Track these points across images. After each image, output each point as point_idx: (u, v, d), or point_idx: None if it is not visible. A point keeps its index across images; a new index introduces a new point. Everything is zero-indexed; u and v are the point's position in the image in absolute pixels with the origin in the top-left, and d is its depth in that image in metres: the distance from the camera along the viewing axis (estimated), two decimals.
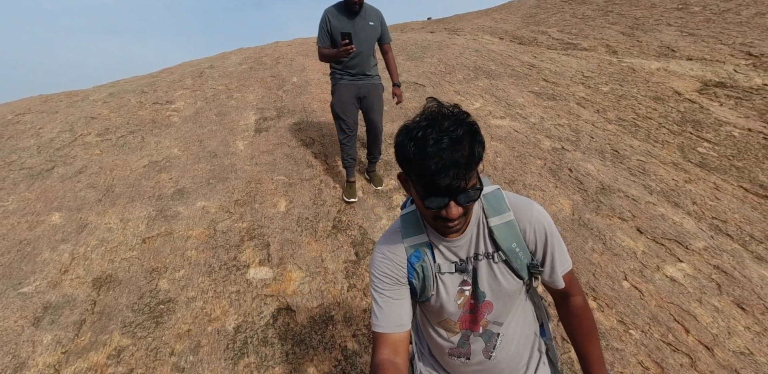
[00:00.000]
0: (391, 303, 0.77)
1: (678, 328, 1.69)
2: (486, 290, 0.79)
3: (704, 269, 1.99)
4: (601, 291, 1.88)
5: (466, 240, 0.77)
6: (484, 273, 0.78)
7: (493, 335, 0.83)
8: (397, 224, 0.82)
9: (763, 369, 1.52)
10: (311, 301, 1.89)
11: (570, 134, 3.27)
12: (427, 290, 0.79)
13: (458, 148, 0.60)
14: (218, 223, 2.32)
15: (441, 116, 0.63)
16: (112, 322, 1.70)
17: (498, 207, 0.77)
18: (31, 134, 3.12)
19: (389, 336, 0.75)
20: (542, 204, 2.48)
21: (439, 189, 0.62)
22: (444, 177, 0.60)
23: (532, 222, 0.76)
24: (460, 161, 0.60)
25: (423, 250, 0.78)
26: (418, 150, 0.61)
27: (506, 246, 0.76)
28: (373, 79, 2.53)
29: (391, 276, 0.78)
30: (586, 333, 0.82)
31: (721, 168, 2.96)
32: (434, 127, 0.61)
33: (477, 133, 0.64)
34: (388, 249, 0.79)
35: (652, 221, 2.31)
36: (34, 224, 2.19)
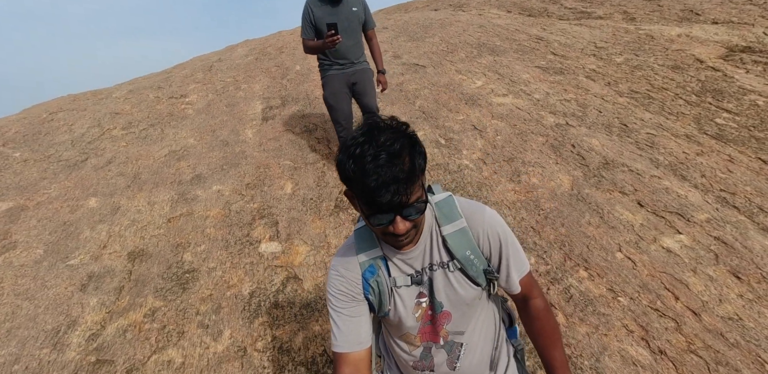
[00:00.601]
0: (349, 322, 0.76)
1: (667, 295, 1.75)
2: (443, 300, 0.78)
3: (704, 240, 2.01)
4: (593, 262, 1.96)
5: (420, 251, 0.77)
6: (440, 283, 0.77)
7: (456, 345, 0.82)
8: (352, 239, 0.81)
9: (750, 333, 1.58)
10: (316, 271, 2.09)
11: (576, 109, 3.24)
12: (384, 305, 0.78)
13: (396, 162, 0.59)
14: (232, 204, 2.55)
15: (378, 130, 0.62)
16: (146, 288, 1.97)
17: (450, 215, 0.76)
18: (65, 130, 3.46)
19: (349, 355, 0.74)
20: (541, 180, 2.54)
21: (382, 206, 0.61)
22: (385, 193, 0.59)
23: (485, 227, 0.76)
24: (400, 176, 0.59)
25: (377, 264, 0.77)
26: (357, 167, 0.60)
27: (460, 254, 0.75)
28: (362, 64, 2.50)
29: (346, 293, 0.77)
30: (548, 337, 0.81)
31: (740, 139, 2.86)
32: (371, 143, 0.60)
33: (416, 144, 0.63)
34: (343, 265, 0.78)
35: (655, 194, 2.31)
36: (75, 208, 2.50)
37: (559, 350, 0.81)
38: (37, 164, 2.98)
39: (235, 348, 1.72)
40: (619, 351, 1.56)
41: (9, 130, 3.49)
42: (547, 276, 1.92)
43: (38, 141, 3.30)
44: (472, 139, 2.99)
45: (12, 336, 1.75)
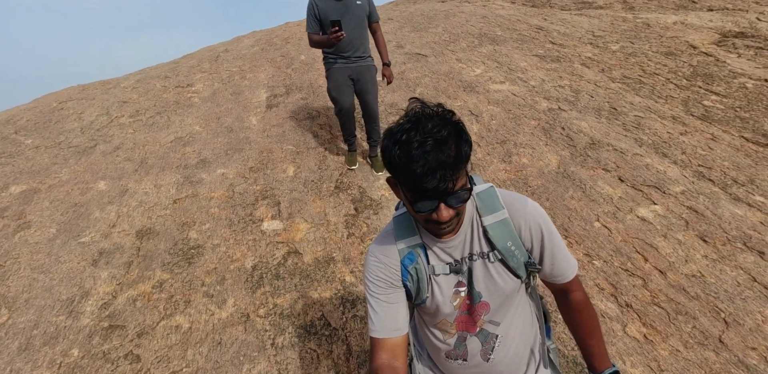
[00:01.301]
0: (387, 308, 0.77)
1: (638, 258, 1.89)
2: (482, 290, 0.79)
3: (676, 210, 2.14)
4: (573, 230, 2.10)
5: (460, 241, 0.77)
6: (479, 274, 0.78)
7: (491, 336, 0.82)
8: (390, 226, 0.82)
9: (710, 288, 1.72)
10: (315, 246, 2.24)
11: (569, 94, 3.35)
12: (422, 292, 0.79)
13: (443, 148, 0.59)
14: (236, 186, 2.70)
15: (424, 117, 0.62)
16: (153, 263, 2.13)
17: (491, 206, 0.77)
18: (74, 118, 3.63)
19: (386, 340, 0.76)
20: (530, 160, 2.67)
21: (427, 193, 0.62)
22: (431, 180, 0.60)
23: (527, 219, 0.76)
24: (447, 162, 0.59)
25: (416, 252, 0.78)
26: (403, 153, 0.60)
27: (501, 245, 0.75)
28: (366, 60, 2.54)
29: (384, 279, 0.78)
30: (588, 328, 0.82)
31: (725, 119, 2.97)
32: (418, 129, 0.60)
33: (462, 132, 0.64)
34: (381, 252, 0.79)
35: (636, 170, 2.44)
36: (85, 190, 2.66)
37: (597, 339, 0.81)
38: (48, 150, 3.15)
39: (239, 315, 1.88)
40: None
41: (21, 118, 3.66)
42: None
43: (49, 128, 3.47)
44: (468, 123, 3.11)
45: (30, 306, 1.92)
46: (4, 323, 1.82)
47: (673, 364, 1.49)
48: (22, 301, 1.92)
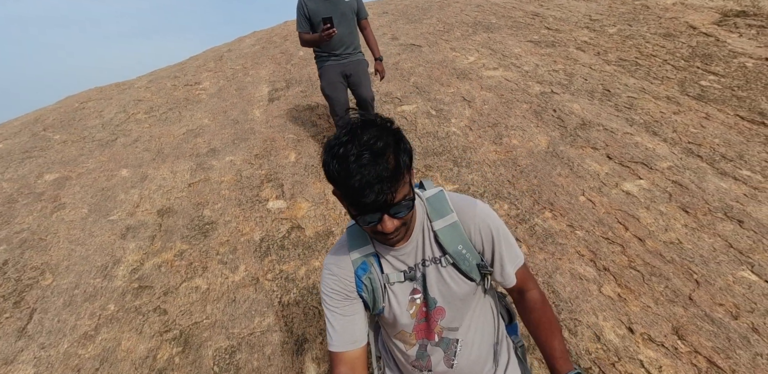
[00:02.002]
0: (343, 320, 0.78)
1: (619, 227, 2.07)
2: (437, 296, 0.79)
3: (661, 184, 2.30)
4: (558, 204, 2.29)
5: (413, 247, 0.78)
6: (433, 279, 0.79)
7: (451, 342, 0.83)
8: (344, 237, 0.83)
9: (686, 253, 1.89)
10: (316, 222, 2.50)
11: (563, 78, 3.52)
12: (378, 302, 0.80)
13: (380, 161, 0.60)
14: (243, 171, 3.00)
15: (361, 128, 0.62)
16: (174, 236, 2.44)
17: (441, 210, 0.78)
18: (95, 116, 4.02)
19: (344, 354, 0.77)
20: (521, 141, 2.86)
21: (368, 207, 0.62)
22: (369, 194, 0.60)
23: (476, 221, 0.77)
24: (384, 175, 0.59)
25: (369, 261, 0.79)
26: (341, 168, 0.60)
27: (452, 248, 0.76)
28: (357, 55, 2.62)
29: (339, 292, 0.79)
30: (547, 328, 0.83)
31: (721, 98, 3.09)
32: (354, 142, 0.60)
33: (401, 141, 0.64)
34: (335, 263, 0.80)
35: (624, 148, 2.61)
36: (110, 177, 3.01)
37: (558, 340, 0.81)
38: (75, 144, 3.53)
39: (249, 278, 2.16)
40: (569, 270, 1.90)
41: (47, 117, 4.09)
42: (517, 218, 2.27)
43: (73, 125, 3.87)
44: (461, 108, 3.33)
45: (70, 271, 2.26)
46: (50, 285, 2.15)
47: (642, 318, 1.67)
48: (63, 267, 2.26)
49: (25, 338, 1.88)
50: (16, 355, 1.80)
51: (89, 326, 1.92)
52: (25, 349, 1.82)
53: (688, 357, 1.51)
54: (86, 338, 1.87)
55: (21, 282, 2.18)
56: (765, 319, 1.57)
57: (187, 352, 1.80)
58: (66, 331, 1.90)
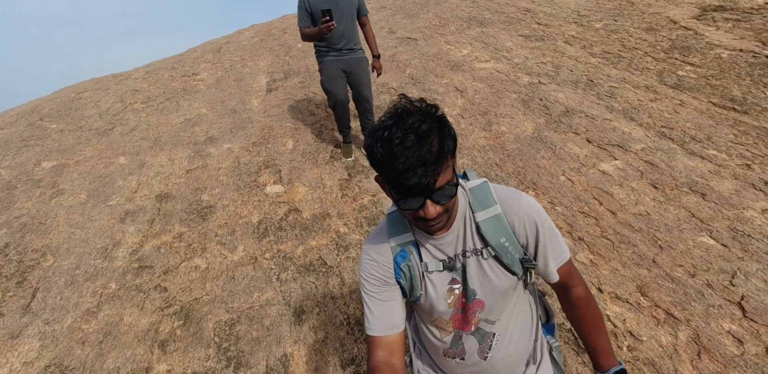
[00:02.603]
0: (382, 306, 0.79)
1: (594, 202, 2.21)
2: (476, 288, 0.79)
3: (635, 163, 2.45)
4: (540, 184, 2.42)
5: (453, 237, 0.78)
6: (473, 271, 0.78)
7: (488, 334, 0.82)
8: (384, 223, 0.83)
9: (653, 223, 2.03)
10: (313, 205, 2.60)
11: (550, 70, 3.65)
12: (416, 290, 0.80)
13: (424, 144, 0.60)
14: (241, 158, 3.08)
15: (406, 113, 0.63)
16: (173, 219, 2.52)
17: (484, 201, 0.77)
18: (92, 106, 4.05)
19: (382, 338, 0.78)
20: (509, 128, 2.98)
21: (411, 190, 0.62)
22: (412, 176, 0.60)
23: (521, 214, 0.76)
24: (428, 158, 0.59)
25: (409, 249, 0.79)
26: (385, 151, 0.61)
27: (495, 241, 0.76)
28: (357, 53, 2.67)
29: (378, 277, 0.79)
30: (590, 324, 0.82)
31: (696, 87, 3.25)
32: (398, 125, 0.61)
33: (445, 126, 0.65)
34: (374, 249, 0.81)
35: (603, 133, 2.75)
36: (108, 164, 3.07)
37: (601, 336, 0.82)
38: (72, 133, 3.57)
39: (248, 258, 2.25)
40: None
41: (44, 107, 4.11)
42: None
43: (70, 115, 3.90)
44: (453, 98, 3.45)
45: (71, 252, 2.33)
46: (51, 266, 2.22)
47: (611, 280, 1.81)
48: (63, 249, 2.33)
49: (29, 314, 1.95)
50: (22, 330, 1.87)
51: (91, 303, 2.00)
52: (30, 324, 1.90)
53: (649, 310, 1.65)
54: (89, 314, 1.95)
55: (23, 263, 2.25)
56: (719, 276, 1.72)
57: (188, 325, 1.89)
58: (69, 308, 1.98)
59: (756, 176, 2.28)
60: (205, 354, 1.75)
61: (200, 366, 1.70)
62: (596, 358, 0.82)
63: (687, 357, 1.50)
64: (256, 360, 1.73)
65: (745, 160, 2.41)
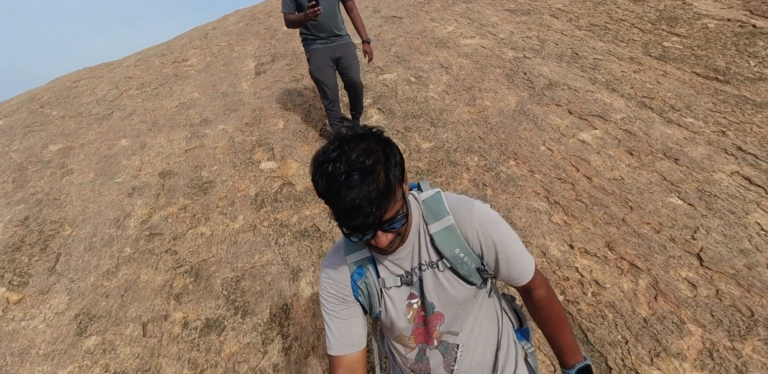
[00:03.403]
0: (341, 324, 0.80)
1: (571, 169, 2.43)
2: (434, 301, 0.80)
3: (613, 132, 2.65)
4: (521, 154, 2.64)
5: (409, 251, 0.78)
6: (430, 284, 0.79)
7: (451, 346, 0.83)
8: (341, 242, 0.84)
9: (626, 186, 2.25)
10: (305, 179, 2.84)
11: (536, 44, 3.81)
12: (374, 307, 0.82)
13: (369, 181, 0.60)
14: (235, 138, 3.31)
15: (349, 143, 0.63)
16: (177, 193, 2.78)
17: (437, 213, 0.78)
18: (89, 93, 4.27)
19: (343, 357, 0.79)
20: (492, 102, 3.18)
21: (359, 228, 0.63)
22: (358, 216, 0.60)
23: (473, 224, 0.76)
24: (373, 196, 0.60)
25: (365, 266, 0.80)
26: (330, 187, 0.61)
27: (449, 252, 0.76)
28: (345, 38, 2.69)
29: (336, 296, 0.81)
30: (555, 323, 0.85)
31: (681, 58, 3.41)
32: (341, 159, 0.60)
33: (391, 154, 0.65)
34: (331, 267, 0.82)
35: (584, 104, 2.94)
36: (111, 146, 3.32)
37: (566, 334, 0.85)
38: (73, 119, 3.81)
39: (248, 225, 2.51)
40: (526, 205, 2.27)
41: (42, 96, 4.34)
42: (485, 167, 2.62)
43: (69, 102, 4.13)
44: (438, 75, 3.63)
45: (87, 223, 2.60)
46: (69, 235, 2.50)
47: (582, 237, 2.05)
48: (79, 221, 2.60)
49: (55, 275, 2.23)
50: (50, 287, 2.16)
51: (110, 265, 2.28)
52: (57, 283, 2.18)
53: (615, 262, 1.90)
54: (109, 274, 2.23)
55: (44, 233, 2.52)
56: (682, 232, 1.95)
57: (198, 281, 2.17)
58: (90, 269, 2.26)
59: (729, 142, 2.48)
60: (215, 304, 2.03)
61: (212, 314, 1.98)
62: (562, 356, 0.86)
63: (645, 300, 1.75)
64: (261, 308, 2.00)
65: (720, 127, 2.60)
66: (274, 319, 1.95)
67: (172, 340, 1.88)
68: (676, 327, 1.62)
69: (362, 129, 0.67)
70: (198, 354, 1.82)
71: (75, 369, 1.75)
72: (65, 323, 1.95)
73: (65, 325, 1.94)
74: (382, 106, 3.42)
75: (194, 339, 1.89)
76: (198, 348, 1.85)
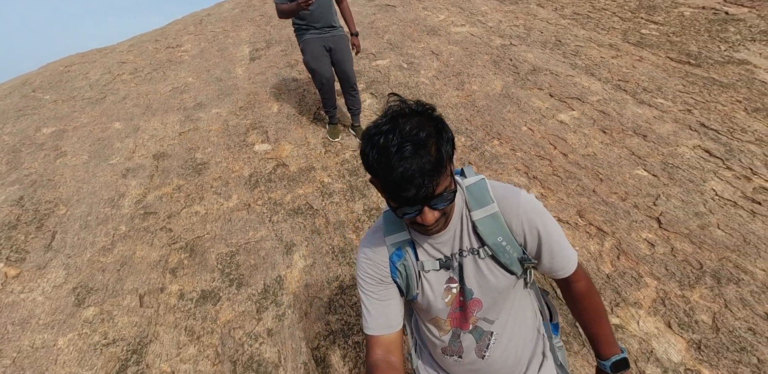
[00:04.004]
0: (379, 305, 0.79)
1: (549, 147, 2.47)
2: (473, 287, 0.79)
3: (589, 113, 2.69)
4: (504, 134, 2.66)
5: (450, 236, 0.77)
6: (470, 270, 0.78)
7: (485, 333, 0.82)
8: (380, 221, 0.83)
9: (597, 161, 2.30)
10: (299, 160, 2.83)
11: (522, 32, 3.80)
12: (412, 289, 0.80)
13: (422, 153, 0.59)
14: (229, 121, 3.26)
15: (402, 116, 0.62)
16: (171, 174, 2.75)
17: (481, 200, 0.76)
18: (81, 78, 4.15)
19: (380, 337, 0.78)
20: (480, 86, 3.18)
21: (409, 200, 0.62)
22: (410, 187, 0.59)
23: (519, 213, 0.74)
24: (426, 168, 0.59)
25: (405, 248, 0.78)
26: (381, 159, 0.59)
27: (491, 240, 0.75)
28: (338, 30, 2.66)
29: (374, 276, 0.80)
30: (592, 316, 0.83)
31: (657, 44, 3.44)
32: (395, 132, 0.59)
33: (443, 130, 0.64)
34: (370, 248, 0.81)
35: (565, 88, 2.96)
36: (104, 129, 3.25)
37: (604, 327, 0.83)
38: (66, 103, 3.71)
39: (242, 204, 2.50)
40: (507, 181, 2.31)
41: (34, 80, 4.20)
42: (471, 147, 2.64)
43: (61, 87, 4.01)
44: (429, 61, 3.61)
45: (81, 202, 2.56)
46: (65, 214, 2.46)
47: (555, 207, 2.10)
48: (74, 200, 2.56)
49: (51, 251, 2.21)
50: (47, 263, 2.14)
51: (106, 242, 2.26)
52: (53, 259, 2.17)
53: (584, 228, 1.96)
54: (105, 250, 2.22)
55: (39, 212, 2.48)
56: (645, 199, 2.02)
57: (193, 256, 2.17)
58: (86, 246, 2.24)
59: (694, 119, 2.54)
60: (211, 277, 2.04)
61: (207, 286, 1.99)
62: (598, 347, 0.84)
63: (608, 259, 1.82)
64: (255, 280, 2.02)
65: (687, 106, 2.66)
66: (268, 290, 1.97)
67: (168, 310, 1.89)
68: (634, 280, 1.70)
69: (416, 104, 0.65)
70: (194, 322, 1.84)
71: (75, 337, 1.75)
72: (63, 295, 1.95)
73: (63, 297, 1.94)
74: (374, 91, 3.40)
75: (190, 309, 1.90)
76: (194, 317, 1.86)
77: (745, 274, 1.70)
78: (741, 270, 1.71)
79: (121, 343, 1.73)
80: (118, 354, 1.69)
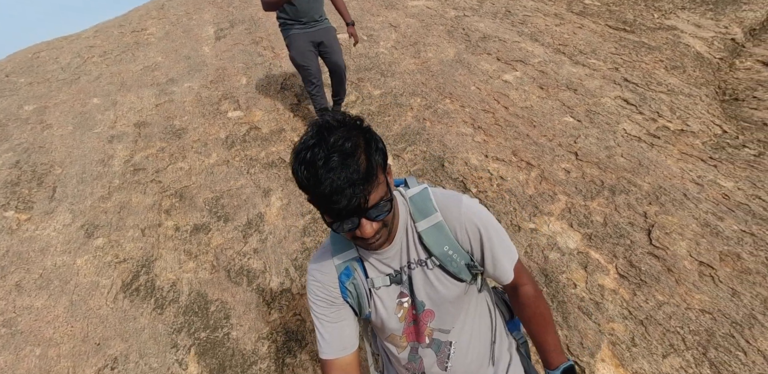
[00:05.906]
0: (332, 327, 0.84)
1: (493, 102, 3.19)
2: (424, 299, 0.84)
3: (530, 73, 3.43)
4: (455, 94, 3.38)
5: (397, 250, 0.82)
6: (419, 282, 0.83)
7: (443, 344, 0.87)
8: (327, 242, 0.88)
9: (533, 111, 3.03)
10: (270, 123, 3.48)
11: (475, 4, 4.56)
12: (364, 308, 0.85)
13: (350, 163, 0.62)
14: (202, 93, 3.90)
15: (328, 129, 0.65)
16: (153, 138, 3.37)
17: (424, 210, 0.81)
18: (52, 62, 4.71)
19: (336, 361, 0.83)
20: (434, 54, 3.90)
21: (342, 213, 0.65)
22: (341, 199, 0.62)
23: (462, 220, 0.80)
24: (354, 177, 0.62)
25: (353, 266, 0.83)
26: (309, 174, 0.63)
27: (438, 250, 0.80)
28: (324, 23, 2.81)
29: (324, 299, 0.84)
30: (540, 323, 0.89)
31: (597, 13, 4.23)
32: (321, 145, 0.63)
33: (372, 140, 0.68)
34: (318, 270, 0.86)
35: (510, 52, 3.71)
36: (84, 104, 3.84)
37: (551, 334, 0.89)
38: (42, 84, 4.27)
39: (221, 161, 3.14)
40: (456, 131, 3.01)
41: (5, 67, 4.74)
42: (425, 106, 3.34)
43: (34, 70, 4.56)
44: (388, 33, 4.32)
45: (74, 164, 3.16)
46: (61, 173, 3.05)
47: (495, 150, 2.81)
48: (67, 162, 3.15)
49: (55, 201, 2.81)
50: (54, 209, 2.74)
51: (103, 192, 2.87)
52: (58, 206, 2.76)
53: (516, 163, 2.67)
54: (104, 198, 2.83)
55: (36, 172, 3.07)
56: (568, 139, 2.75)
57: (183, 200, 2.80)
58: (86, 196, 2.84)
59: (619, 75, 3.30)
60: (200, 215, 2.67)
61: (198, 221, 2.63)
62: (546, 356, 0.89)
63: (533, 185, 2.53)
64: (239, 216, 2.66)
65: (615, 65, 3.43)
66: (251, 222, 2.62)
67: (167, 239, 2.52)
68: (550, 197, 2.41)
69: (341, 115, 0.70)
70: (191, 246, 2.47)
71: (90, 257, 2.36)
72: (74, 231, 2.55)
73: (74, 232, 2.54)
74: None
75: (186, 237, 2.54)
76: (190, 243, 2.50)
77: (634, 187, 2.43)
78: (632, 184, 2.45)
79: (131, 261, 2.35)
80: (130, 268, 2.31)
